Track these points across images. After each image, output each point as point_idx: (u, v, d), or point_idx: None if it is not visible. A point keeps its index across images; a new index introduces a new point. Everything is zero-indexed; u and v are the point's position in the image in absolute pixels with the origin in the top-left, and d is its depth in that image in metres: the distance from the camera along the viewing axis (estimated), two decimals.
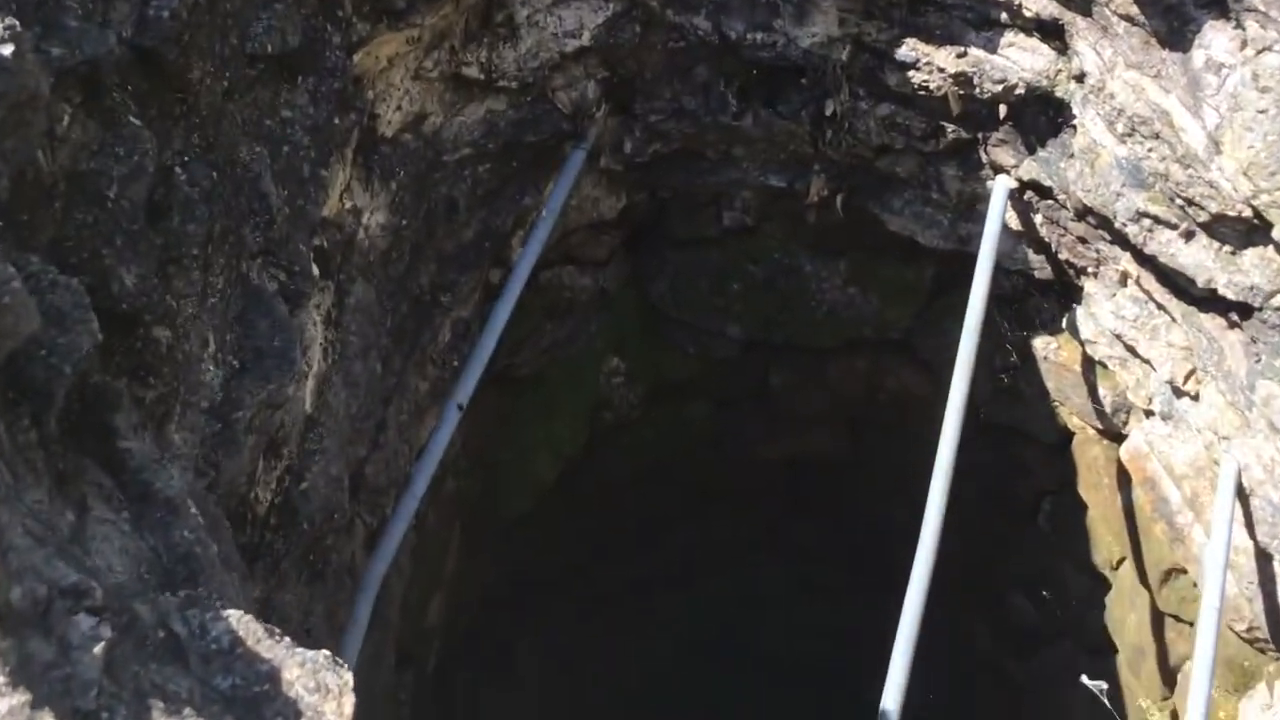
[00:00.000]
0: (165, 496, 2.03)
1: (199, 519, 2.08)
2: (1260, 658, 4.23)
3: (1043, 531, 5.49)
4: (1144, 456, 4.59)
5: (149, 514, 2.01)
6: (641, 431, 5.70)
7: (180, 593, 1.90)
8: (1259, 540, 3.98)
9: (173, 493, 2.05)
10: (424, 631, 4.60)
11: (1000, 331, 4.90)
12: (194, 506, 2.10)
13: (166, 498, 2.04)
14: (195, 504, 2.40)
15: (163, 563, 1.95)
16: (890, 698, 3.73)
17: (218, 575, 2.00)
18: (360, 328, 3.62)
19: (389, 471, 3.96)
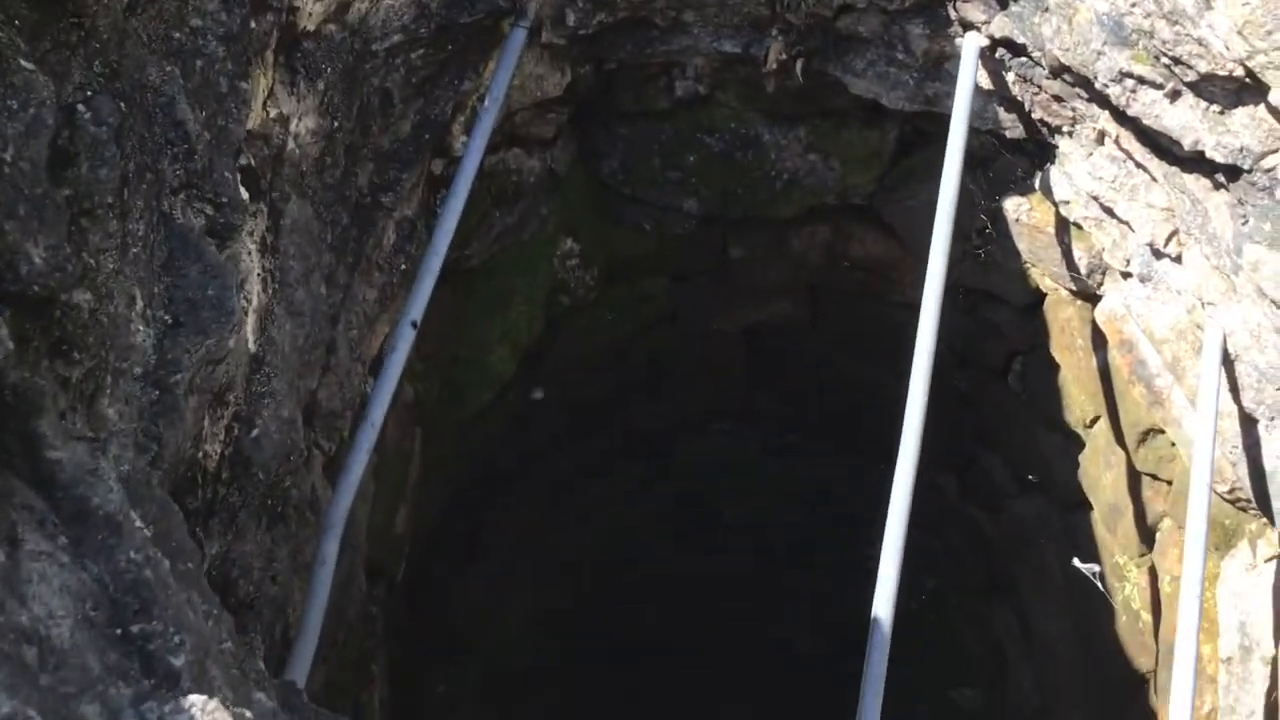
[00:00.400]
0: (105, 514, 1.81)
1: (144, 533, 1.86)
2: (1241, 515, 4.19)
3: (1013, 391, 5.39)
4: (1121, 319, 4.47)
5: (89, 537, 1.79)
6: (599, 313, 5.49)
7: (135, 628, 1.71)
8: (1244, 406, 3.89)
9: (112, 507, 1.83)
10: (392, 543, 4.45)
11: (970, 194, 4.69)
12: (138, 518, 1.88)
13: (106, 514, 1.82)
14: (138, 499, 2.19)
15: (109, 594, 1.75)
16: (887, 566, 3.61)
17: (173, 600, 1.80)
18: (300, 249, 3.35)
19: (343, 393, 3.74)
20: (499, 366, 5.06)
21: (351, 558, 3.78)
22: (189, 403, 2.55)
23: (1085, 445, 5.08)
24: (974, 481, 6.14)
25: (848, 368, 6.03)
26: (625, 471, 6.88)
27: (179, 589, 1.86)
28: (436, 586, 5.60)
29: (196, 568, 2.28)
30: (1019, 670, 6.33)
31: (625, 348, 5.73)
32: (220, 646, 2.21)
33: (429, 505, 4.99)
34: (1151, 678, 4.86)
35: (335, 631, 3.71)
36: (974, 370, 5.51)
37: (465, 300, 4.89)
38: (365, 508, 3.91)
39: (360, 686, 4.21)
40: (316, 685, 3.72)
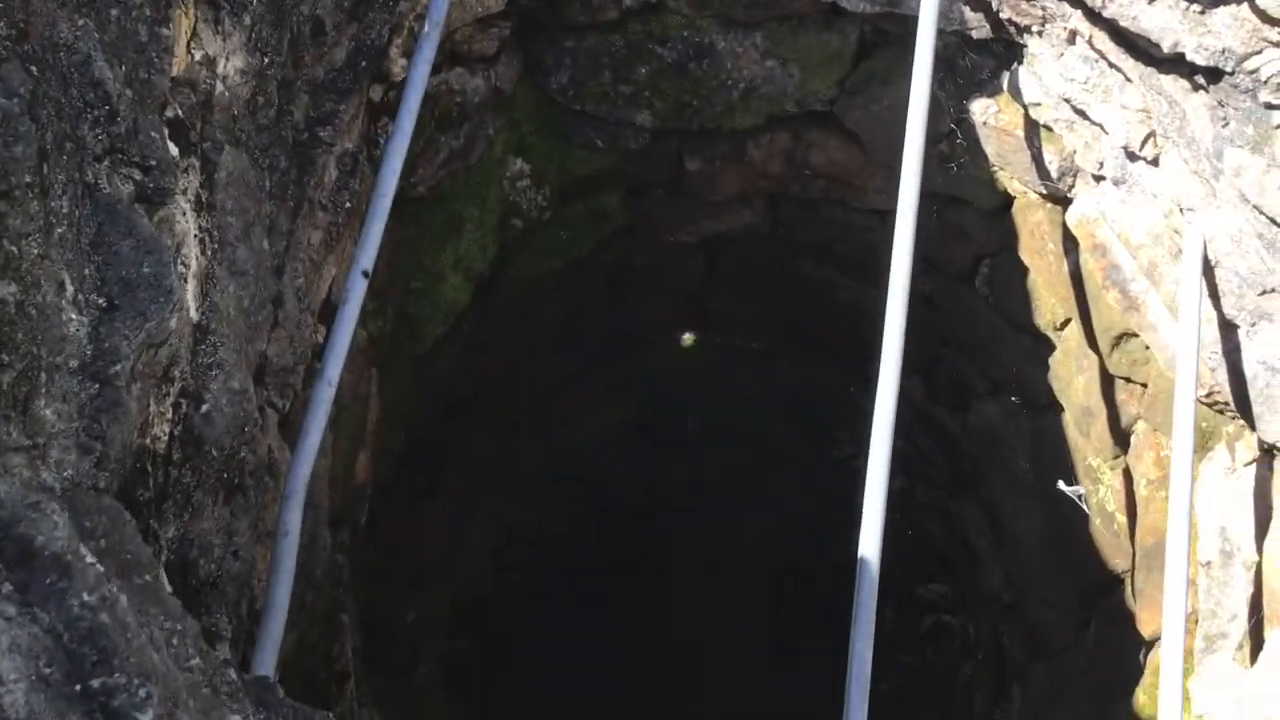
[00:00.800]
0: (51, 554, 1.65)
1: (96, 569, 1.70)
2: (1219, 418, 4.14)
3: (980, 294, 5.28)
4: (1093, 222, 4.35)
5: (36, 583, 1.63)
6: (553, 233, 5.29)
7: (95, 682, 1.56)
8: (1224, 312, 3.81)
9: (59, 545, 1.66)
10: (354, 490, 4.30)
11: (935, 97, 4.51)
12: (88, 552, 1.72)
13: (53, 554, 1.65)
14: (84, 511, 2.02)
15: (65, 646, 1.59)
16: (874, 473, 3.52)
17: (134, 645, 1.64)
18: (238, 203, 3.12)
19: (294, 347, 3.55)
20: (453, 295, 4.87)
21: (314, 517, 3.63)
22: (132, 392, 2.36)
23: (1055, 348, 5.00)
24: (940, 383, 6.07)
25: (811, 274, 5.90)
26: (586, 387, 6.75)
27: (139, 628, 1.70)
28: (401, 520, 5.47)
29: (154, 578, 2.13)
30: (989, 566, 6.35)
31: (582, 266, 5.55)
32: (187, 664, 2.07)
33: (389, 443, 4.83)
34: (1127, 579, 4.86)
35: (303, 595, 3.58)
36: (940, 274, 5.39)
37: (414, 230, 4.68)
38: (325, 462, 3.75)
39: (331, 639, 4.10)
40: (287, 650, 3.60)
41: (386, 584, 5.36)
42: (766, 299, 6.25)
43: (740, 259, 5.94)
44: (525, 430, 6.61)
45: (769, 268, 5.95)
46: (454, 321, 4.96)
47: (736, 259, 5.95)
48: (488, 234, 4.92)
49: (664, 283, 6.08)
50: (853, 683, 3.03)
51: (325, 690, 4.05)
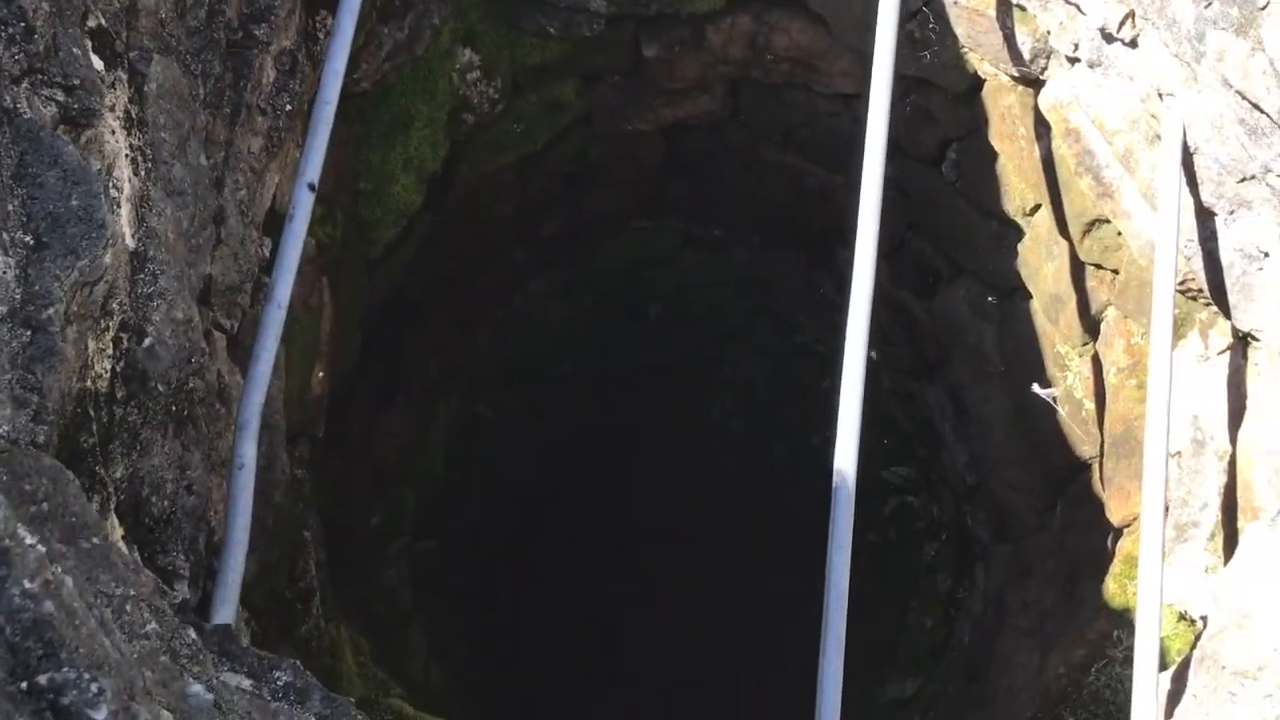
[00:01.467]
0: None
1: (37, 551, 1.57)
2: (1191, 304, 4.07)
3: (947, 179, 5.15)
4: (1067, 106, 4.20)
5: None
6: (506, 126, 5.08)
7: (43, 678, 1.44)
8: (1202, 199, 3.70)
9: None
10: (311, 404, 4.16)
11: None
12: (27, 534, 1.58)
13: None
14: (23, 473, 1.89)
15: (7, 640, 1.47)
16: (851, 366, 3.44)
17: (83, 633, 1.52)
18: (171, 116, 2.92)
19: (239, 265, 3.38)
20: (404, 196, 4.67)
21: (270, 439, 3.50)
22: (68, 336, 2.21)
23: (1024, 234, 4.89)
24: (904, 266, 5.97)
25: (774, 160, 5.73)
26: (544, 280, 6.60)
27: (87, 611, 1.58)
28: (361, 425, 5.36)
29: (102, 539, 2.00)
30: (953, 449, 6.34)
31: (537, 158, 5.35)
32: (143, 631, 1.96)
33: (344, 353, 4.69)
34: (1095, 464, 4.85)
35: (263, 519, 3.46)
36: (906, 159, 5.24)
37: (360, 128, 4.47)
38: (279, 382, 3.60)
39: (294, 557, 4.01)
40: (250, 575, 3.50)
41: (349, 490, 5.27)
42: (728, 186, 6.08)
43: (700, 146, 5.76)
44: (484, 326, 6.47)
45: (730, 155, 5.78)
46: (406, 223, 4.77)
47: (696, 146, 5.76)
48: (438, 130, 4.71)
49: (622, 172, 5.89)
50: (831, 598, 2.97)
51: (290, 609, 3.97)
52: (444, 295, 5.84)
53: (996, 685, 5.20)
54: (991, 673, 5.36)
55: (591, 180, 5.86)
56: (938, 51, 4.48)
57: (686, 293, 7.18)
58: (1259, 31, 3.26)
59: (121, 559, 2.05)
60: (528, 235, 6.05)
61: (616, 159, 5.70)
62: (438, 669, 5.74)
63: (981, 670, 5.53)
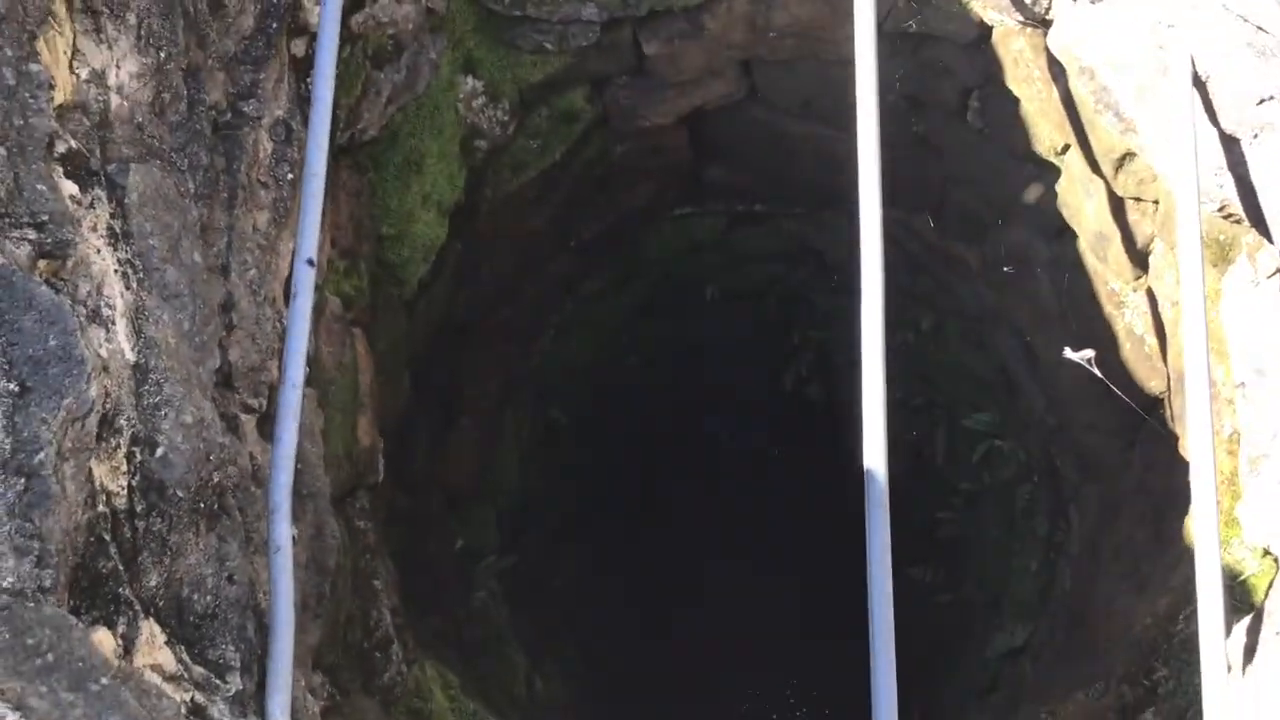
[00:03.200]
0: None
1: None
2: (1236, 228, 3.92)
3: (974, 127, 5.02)
4: (1077, 45, 4.06)
5: None
6: (522, 144, 5.07)
7: None
8: (1223, 126, 3.56)
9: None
10: (361, 456, 4.23)
11: None
12: None
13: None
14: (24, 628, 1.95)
15: None
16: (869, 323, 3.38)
17: None
18: (158, 221, 2.97)
19: (258, 344, 3.43)
20: (428, 233, 4.70)
21: (315, 506, 3.57)
22: (64, 474, 2.27)
23: (1060, 173, 4.75)
24: (951, 219, 5.84)
25: (797, 132, 5.64)
26: (591, 280, 6.60)
27: None
28: (428, 457, 5.43)
29: (112, 678, 2.06)
30: (1030, 392, 6.20)
31: (560, 170, 5.34)
32: None
33: (392, 395, 4.75)
34: (1165, 400, 4.71)
35: (320, 587, 3.54)
36: (929, 112, 5.12)
37: (374, 175, 4.50)
38: (316, 449, 3.66)
39: (367, 610, 4.09)
40: (318, 640, 3.58)
41: (424, 523, 5.35)
42: (760, 163, 6.00)
43: (724, 129, 5.69)
44: (541, 335, 6.50)
45: (755, 132, 5.70)
46: (435, 258, 4.80)
47: (720, 129, 5.70)
48: (452, 163, 4.72)
49: (651, 165, 5.85)
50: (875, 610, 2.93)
51: (369, 660, 4.06)
52: (493, 314, 5.87)
53: (1098, 631, 5.10)
54: (1092, 618, 5.26)
55: (621, 179, 5.83)
56: (937, 3, 4.35)
57: (740, 270, 7.12)
58: None
59: (139, 690, 2.11)
60: (568, 241, 6.05)
61: (642, 155, 5.66)
62: (541, 682, 5.82)
63: (1084, 615, 5.43)
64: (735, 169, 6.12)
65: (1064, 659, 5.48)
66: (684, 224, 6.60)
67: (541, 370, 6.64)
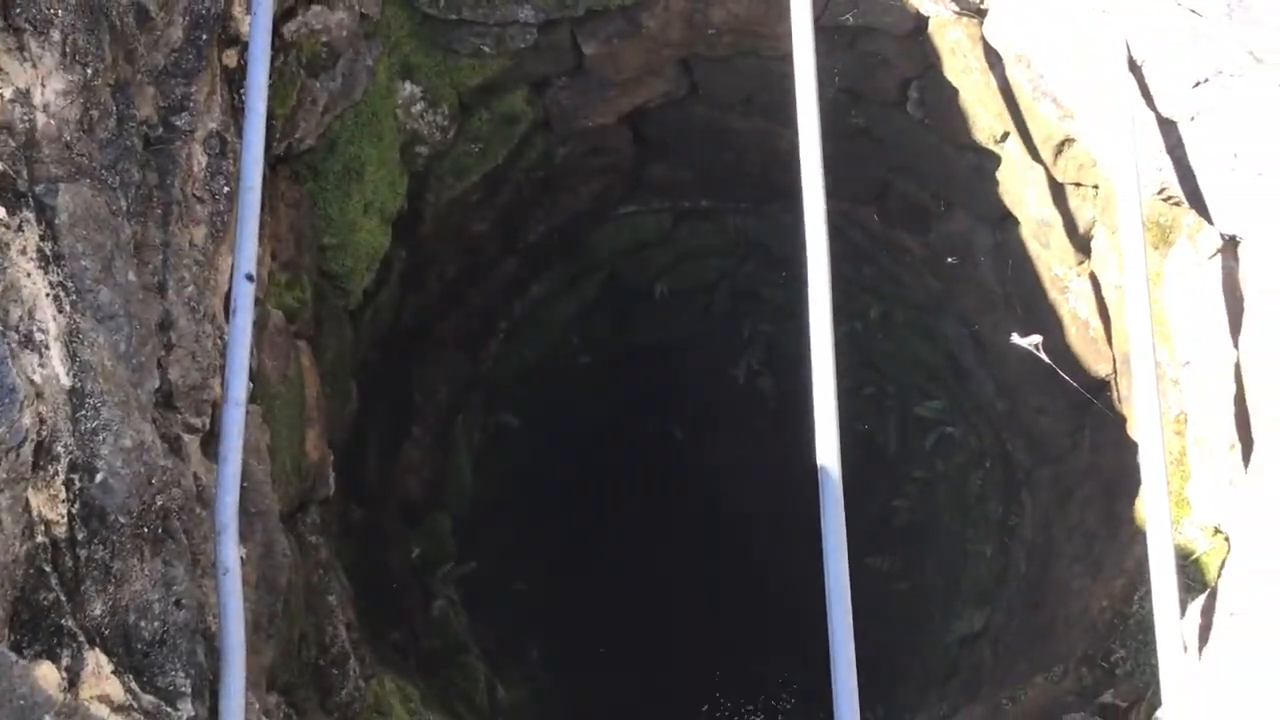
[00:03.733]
0: None
1: None
2: (1176, 210, 3.95)
3: (914, 118, 5.03)
4: (1012, 33, 4.08)
5: None
6: (464, 148, 5.03)
7: None
8: (1159, 110, 3.58)
9: None
10: (310, 470, 4.17)
11: None
12: None
13: None
14: None
15: None
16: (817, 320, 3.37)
17: None
18: (90, 241, 2.91)
19: (198, 362, 3.37)
20: (371, 241, 4.64)
21: (264, 525, 3.51)
22: (0, 506, 2.21)
23: (1001, 161, 4.77)
24: (894, 208, 5.86)
25: (741, 127, 5.63)
26: (540, 282, 6.56)
27: None
28: (377, 467, 5.37)
29: (58, 713, 2.02)
30: (979, 378, 6.24)
31: (503, 170, 5.29)
32: None
33: (340, 407, 4.69)
34: (1112, 382, 4.74)
35: (273, 606, 3.49)
36: (869, 104, 5.13)
37: (313, 185, 4.43)
38: (264, 466, 3.61)
39: (322, 626, 4.03)
40: (271, 661, 3.53)
41: (379, 534, 5.29)
42: (704, 159, 6.00)
43: (666, 126, 5.67)
44: (491, 339, 6.46)
45: (697, 128, 5.69)
46: (380, 266, 4.75)
47: (663, 127, 5.68)
48: (392, 169, 4.67)
49: (594, 165, 5.82)
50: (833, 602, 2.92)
51: (326, 677, 4.01)
52: (441, 320, 5.83)
53: (1055, 614, 5.13)
54: (1050, 600, 5.29)
55: (565, 180, 5.80)
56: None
57: (688, 266, 7.12)
58: None
59: None
60: (514, 244, 6.01)
61: (585, 155, 5.63)
62: (504, 689, 5.78)
63: (1041, 598, 5.47)
64: (679, 166, 6.10)
65: (1022, 643, 5.52)
66: (630, 222, 6.58)
67: (491, 374, 6.59)
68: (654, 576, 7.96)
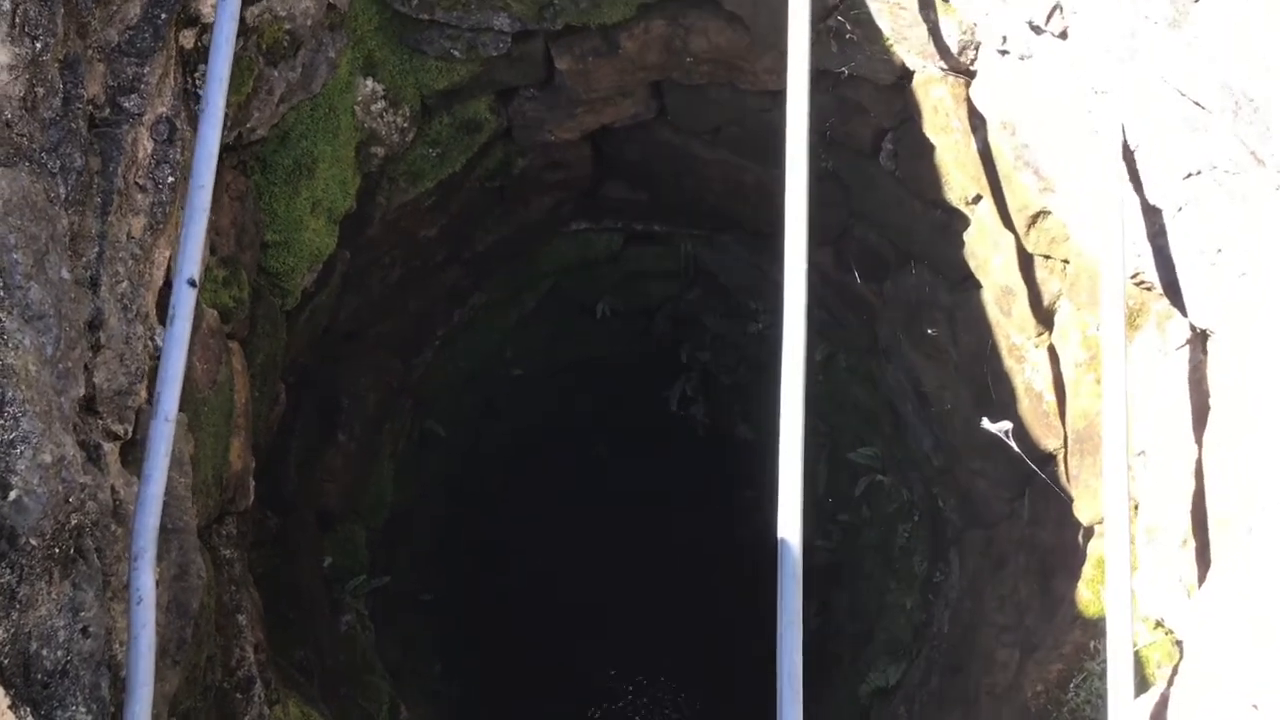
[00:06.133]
0: None
1: None
2: (1146, 295, 3.89)
3: (886, 169, 4.93)
4: (1001, 99, 3.99)
5: None
6: (421, 152, 4.82)
7: None
8: (1146, 196, 3.52)
9: None
10: (232, 480, 3.94)
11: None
12: None
13: None
14: None
15: None
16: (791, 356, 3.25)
17: None
18: (22, 233, 2.67)
19: (126, 365, 3.14)
20: (316, 241, 4.42)
21: (180, 543, 3.29)
22: None
23: (969, 222, 4.69)
24: (852, 253, 5.76)
25: (706, 157, 5.49)
26: (483, 291, 6.36)
27: None
28: (297, 474, 5.14)
29: None
30: (917, 430, 6.16)
31: (459, 177, 5.09)
32: None
33: (267, 410, 4.46)
34: (1060, 456, 4.68)
35: (182, 630, 3.26)
36: (841, 149, 5.01)
37: (261, 178, 4.21)
38: (185, 480, 3.38)
39: (229, 646, 3.81)
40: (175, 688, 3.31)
41: (295, 544, 5.06)
42: (663, 184, 5.85)
43: (630, 147, 5.52)
44: (427, 346, 6.24)
45: (659, 152, 5.54)
46: (322, 267, 4.53)
47: (626, 148, 5.52)
48: (345, 168, 4.45)
49: (551, 179, 5.64)
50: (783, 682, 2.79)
51: (229, 701, 3.78)
52: (378, 324, 5.61)
53: (977, 682, 5.06)
54: (972, 668, 5.22)
55: (520, 191, 5.61)
56: (861, 46, 4.24)
57: (633, 287, 6.97)
58: (1193, 28, 3.05)
59: None
60: (461, 252, 5.81)
61: (543, 168, 5.45)
62: (405, 709, 5.57)
63: (961, 662, 5.40)
64: (636, 187, 5.95)
65: (940, 705, 5.45)
66: (580, 239, 6.41)
67: (423, 381, 6.38)
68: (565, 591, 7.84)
